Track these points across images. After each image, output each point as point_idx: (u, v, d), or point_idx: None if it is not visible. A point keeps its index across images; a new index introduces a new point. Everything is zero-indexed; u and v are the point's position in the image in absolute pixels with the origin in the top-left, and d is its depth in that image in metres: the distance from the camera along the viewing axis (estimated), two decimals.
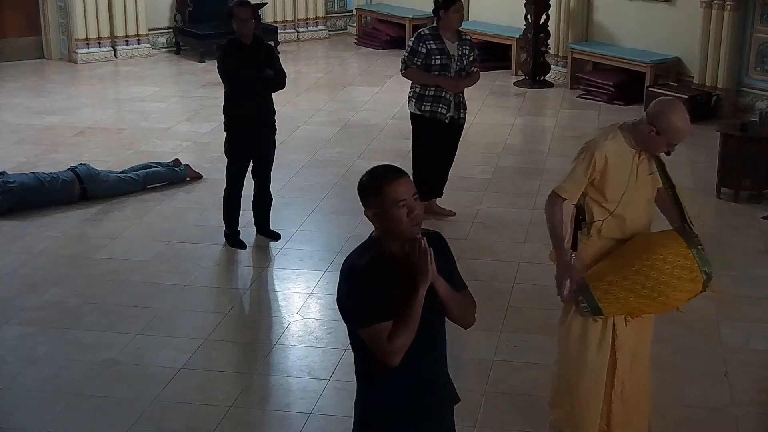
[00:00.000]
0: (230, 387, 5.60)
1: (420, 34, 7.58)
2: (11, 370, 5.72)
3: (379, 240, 3.36)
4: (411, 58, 7.54)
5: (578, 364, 4.63)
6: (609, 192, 4.43)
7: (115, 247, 7.45)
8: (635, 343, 4.63)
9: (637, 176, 4.44)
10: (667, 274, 4.29)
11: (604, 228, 4.49)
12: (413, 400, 3.40)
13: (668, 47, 11.34)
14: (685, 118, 4.36)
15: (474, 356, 5.82)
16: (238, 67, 7.02)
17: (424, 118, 7.59)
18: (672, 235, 4.41)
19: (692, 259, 4.30)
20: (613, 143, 4.42)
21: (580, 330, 4.59)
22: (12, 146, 9.85)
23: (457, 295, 3.42)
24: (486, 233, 7.71)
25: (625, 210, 4.46)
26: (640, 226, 4.52)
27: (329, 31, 15.32)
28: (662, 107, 4.38)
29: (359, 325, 3.30)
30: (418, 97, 7.58)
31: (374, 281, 3.28)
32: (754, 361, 5.87)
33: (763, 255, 7.35)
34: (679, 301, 4.42)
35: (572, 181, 4.46)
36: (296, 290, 6.80)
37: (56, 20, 13.43)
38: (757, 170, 8.25)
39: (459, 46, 7.55)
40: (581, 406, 4.66)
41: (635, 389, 4.69)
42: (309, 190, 8.60)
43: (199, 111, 11.09)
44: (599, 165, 4.39)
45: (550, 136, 10.44)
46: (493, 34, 13.03)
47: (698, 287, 4.38)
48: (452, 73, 7.51)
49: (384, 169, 3.38)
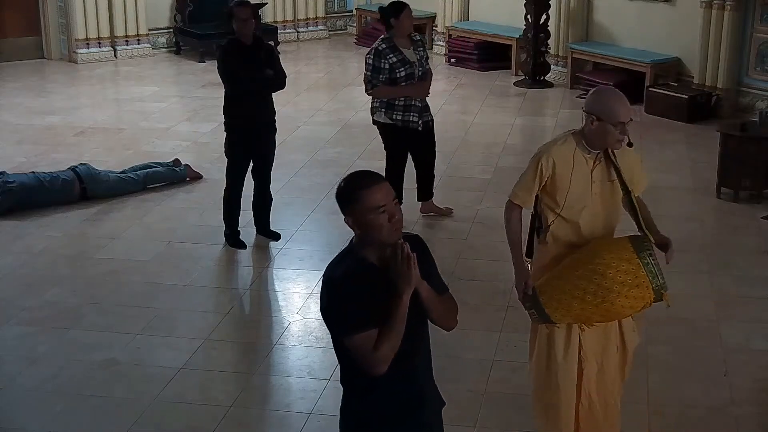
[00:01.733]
0: (230, 387, 5.60)
1: (378, 50, 7.39)
2: (11, 370, 5.72)
3: (360, 246, 3.30)
4: (375, 77, 7.39)
5: (546, 375, 4.56)
6: (560, 197, 4.39)
7: (115, 247, 7.45)
8: (600, 353, 4.55)
9: (592, 182, 4.38)
10: (610, 279, 4.18)
11: (557, 232, 4.44)
12: (400, 407, 3.36)
13: (668, 47, 11.34)
14: (616, 95, 4.37)
15: (474, 356, 5.82)
16: (238, 68, 7.02)
17: (397, 127, 7.51)
18: (621, 241, 4.33)
19: (637, 265, 4.18)
20: (563, 148, 4.38)
21: (545, 339, 4.54)
22: (12, 146, 9.86)
23: (440, 298, 3.38)
24: (486, 233, 7.70)
25: (579, 216, 4.41)
26: (597, 233, 4.44)
27: (329, 31, 15.32)
28: (591, 95, 4.44)
29: (344, 334, 3.24)
30: (387, 107, 7.46)
31: (357, 289, 3.22)
32: (754, 361, 5.87)
33: (763, 255, 7.35)
34: (626, 308, 4.28)
35: (522, 187, 4.45)
36: (296, 290, 6.81)
37: (56, 20, 13.43)
38: (757, 170, 8.25)
39: (415, 51, 7.50)
40: (555, 415, 4.60)
41: (603, 401, 4.61)
42: (309, 190, 8.60)
43: (199, 111, 11.09)
44: (546, 171, 4.36)
45: (550, 136, 10.36)
46: (493, 34, 13.04)
47: (647, 294, 4.24)
48: (416, 80, 7.45)
49: (361, 175, 3.33)
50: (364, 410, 3.39)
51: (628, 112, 4.33)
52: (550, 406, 4.61)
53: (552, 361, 4.53)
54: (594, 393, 4.58)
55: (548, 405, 4.61)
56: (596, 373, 4.55)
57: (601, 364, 4.56)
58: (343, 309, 3.23)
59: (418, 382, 3.41)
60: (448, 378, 5.34)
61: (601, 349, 4.54)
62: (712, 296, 6.63)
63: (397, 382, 3.32)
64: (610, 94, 4.42)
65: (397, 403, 3.36)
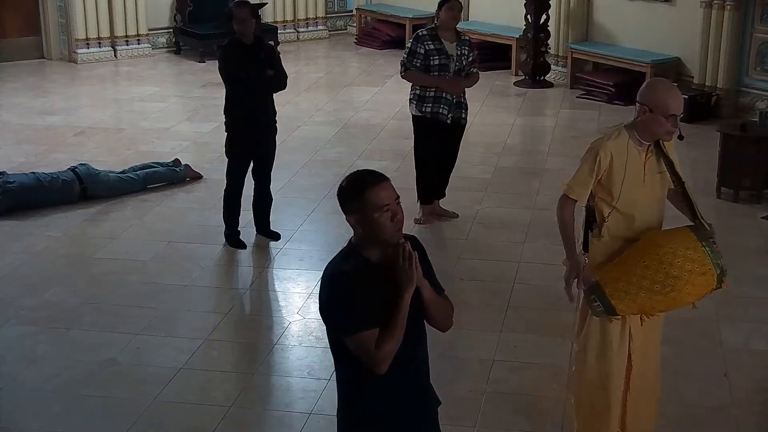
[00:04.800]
0: (230, 387, 5.59)
1: (418, 35, 7.56)
2: (11, 370, 5.72)
3: (361, 245, 3.30)
4: (410, 60, 7.52)
5: (601, 372, 4.58)
6: (616, 190, 4.42)
7: (115, 247, 7.45)
8: (645, 344, 4.61)
9: (645, 174, 4.43)
10: (677, 267, 4.24)
11: (612, 225, 4.47)
12: (398, 407, 3.36)
13: (668, 47, 11.34)
14: (670, 86, 4.44)
15: (474, 356, 5.81)
16: (238, 68, 7.02)
17: (426, 120, 7.58)
18: (682, 231, 4.39)
19: (703, 252, 4.27)
20: (618, 141, 4.42)
21: (599, 338, 4.56)
22: (12, 146, 9.85)
23: (440, 299, 3.39)
24: (486, 233, 7.70)
25: (634, 209, 4.45)
26: (650, 225, 4.50)
27: (329, 31, 15.32)
28: (645, 86, 4.48)
29: (345, 333, 3.23)
30: (418, 99, 7.57)
31: (358, 288, 3.22)
32: (754, 361, 5.87)
33: (763, 255, 7.35)
34: (691, 295, 4.37)
35: (579, 181, 4.48)
36: (296, 290, 6.81)
37: (56, 20, 13.43)
38: (757, 170, 8.25)
39: (458, 47, 7.53)
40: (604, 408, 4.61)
41: (645, 390, 4.67)
42: (309, 190, 8.60)
43: (199, 111, 11.09)
44: (604, 164, 4.40)
45: (550, 136, 10.44)
46: (493, 34, 13.04)
47: (711, 281, 4.33)
48: (451, 73, 7.50)
49: (365, 174, 3.33)
50: (360, 409, 3.37)
51: (680, 105, 4.38)
52: (598, 398, 4.62)
53: (605, 355, 4.56)
54: (641, 385, 4.64)
55: (596, 398, 4.63)
56: (641, 364, 4.61)
57: (644, 354, 4.62)
58: (346, 307, 3.22)
59: (417, 382, 3.41)
60: (448, 378, 5.35)
61: (646, 340, 4.61)
62: (712, 296, 6.58)
63: (396, 381, 3.31)
64: (664, 85, 4.46)
65: (396, 402, 3.36)
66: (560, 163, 9.01)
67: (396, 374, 3.27)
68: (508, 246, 7.45)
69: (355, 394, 3.38)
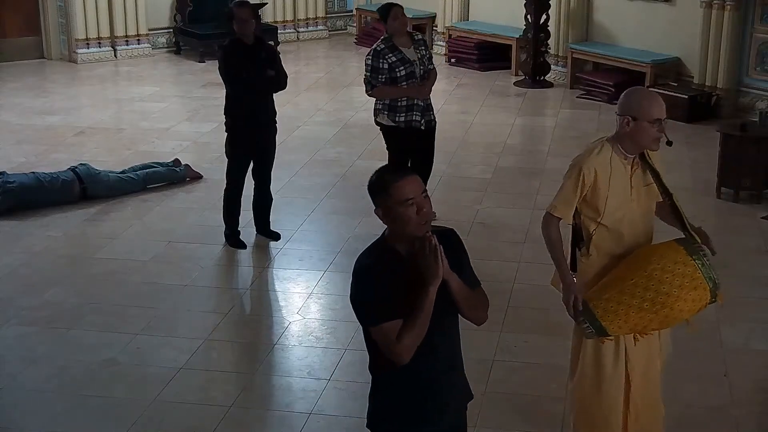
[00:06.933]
0: (230, 387, 5.59)
1: (376, 50, 7.40)
2: (11, 370, 5.72)
3: (390, 238, 3.37)
4: (374, 77, 7.38)
5: (594, 387, 4.50)
6: (602, 207, 4.31)
7: (115, 247, 7.45)
8: (645, 362, 4.51)
9: (631, 188, 4.32)
10: (667, 284, 4.11)
11: (600, 243, 4.36)
12: (420, 398, 3.41)
13: (668, 47, 11.34)
14: (648, 93, 4.36)
15: (474, 356, 5.78)
16: (239, 68, 7.02)
17: (400, 129, 7.49)
18: (670, 245, 4.25)
19: (693, 266, 4.13)
20: (601, 156, 4.30)
21: (592, 352, 4.47)
22: (12, 146, 9.86)
23: (469, 292, 3.42)
24: (486, 233, 7.70)
25: (622, 224, 4.34)
26: (639, 240, 4.38)
27: (329, 31, 15.32)
28: (623, 96, 4.33)
29: (369, 323, 3.32)
30: (390, 109, 7.45)
31: (382, 280, 3.29)
32: (754, 361, 5.87)
33: (763, 255, 7.35)
34: (684, 312, 4.22)
35: (562, 199, 4.35)
36: (296, 290, 6.80)
37: (56, 20, 13.43)
38: (757, 170, 8.25)
39: (416, 49, 7.47)
40: (602, 427, 4.54)
41: (648, 409, 4.58)
42: (309, 190, 8.60)
43: (199, 111, 11.09)
44: (588, 180, 4.28)
45: (550, 136, 10.44)
46: (493, 34, 13.04)
47: (704, 296, 4.19)
48: (418, 79, 7.44)
49: (391, 169, 3.44)
50: (386, 398, 3.46)
51: (662, 109, 4.25)
52: (598, 419, 4.53)
53: (600, 375, 4.45)
54: (641, 403, 4.53)
55: (596, 418, 4.54)
56: (641, 382, 4.50)
57: (644, 373, 4.51)
58: (369, 298, 3.31)
59: (435, 375, 3.43)
60: None
61: (646, 359, 4.49)
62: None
63: (420, 373, 3.37)
64: (643, 91, 4.41)
65: (417, 395, 3.41)
66: (560, 163, 8.97)
67: (420, 365, 3.34)
68: (508, 246, 7.45)
69: (382, 381, 3.47)
